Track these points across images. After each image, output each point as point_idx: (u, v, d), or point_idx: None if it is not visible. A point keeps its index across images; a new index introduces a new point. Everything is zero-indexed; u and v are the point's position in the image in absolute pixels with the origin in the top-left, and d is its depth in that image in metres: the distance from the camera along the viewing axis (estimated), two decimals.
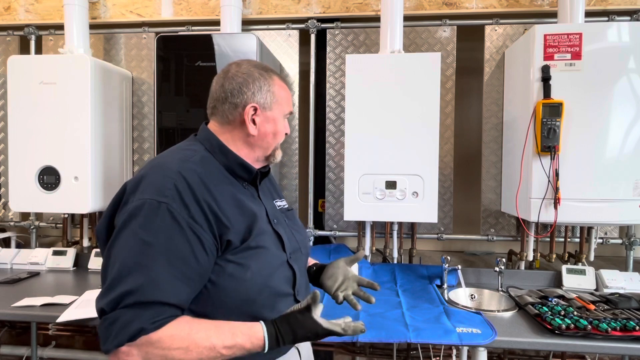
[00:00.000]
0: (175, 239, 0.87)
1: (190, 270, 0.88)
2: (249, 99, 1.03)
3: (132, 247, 0.86)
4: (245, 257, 0.95)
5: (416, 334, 1.51)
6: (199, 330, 0.86)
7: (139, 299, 0.82)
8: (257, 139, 1.05)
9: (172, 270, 0.86)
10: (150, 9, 2.45)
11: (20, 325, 2.66)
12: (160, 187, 0.89)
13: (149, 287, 0.83)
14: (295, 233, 1.14)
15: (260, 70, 1.06)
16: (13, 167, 2.13)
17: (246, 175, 1.05)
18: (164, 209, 0.87)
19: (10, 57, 2.15)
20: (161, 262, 0.85)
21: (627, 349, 1.46)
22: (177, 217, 0.87)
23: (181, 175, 0.92)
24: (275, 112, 1.06)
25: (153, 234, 0.86)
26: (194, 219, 0.89)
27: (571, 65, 1.83)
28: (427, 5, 2.28)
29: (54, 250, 2.33)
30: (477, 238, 2.33)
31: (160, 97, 2.04)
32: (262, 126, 1.05)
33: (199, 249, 0.89)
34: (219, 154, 1.03)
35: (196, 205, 0.90)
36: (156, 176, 0.92)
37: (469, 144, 2.46)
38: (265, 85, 1.05)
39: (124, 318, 0.81)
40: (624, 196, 1.82)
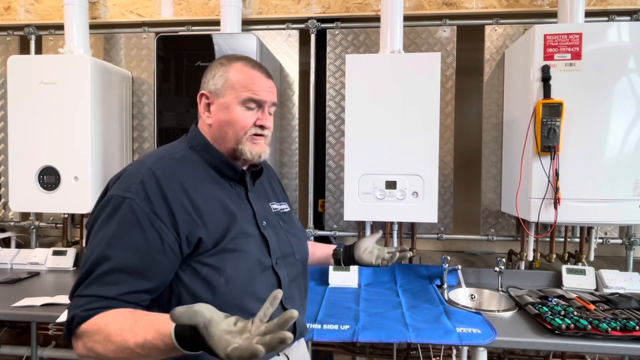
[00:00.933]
0: (130, 233, 0.86)
1: (142, 264, 0.86)
2: (203, 87, 1.03)
3: (92, 243, 0.88)
4: (220, 260, 0.91)
5: (416, 334, 1.51)
6: (116, 322, 0.80)
7: (81, 291, 0.84)
8: (214, 129, 1.01)
9: (120, 262, 0.85)
10: (150, 9, 2.45)
11: (20, 325, 2.66)
12: (128, 182, 0.90)
13: (91, 280, 0.85)
14: (290, 237, 1.10)
15: (225, 59, 1.03)
16: (13, 167, 2.13)
17: (232, 173, 1.02)
18: (127, 204, 0.87)
19: (10, 57, 2.14)
20: (117, 255, 0.85)
21: (627, 349, 1.46)
22: (136, 211, 0.87)
23: (151, 170, 0.91)
24: (228, 99, 0.99)
25: (110, 228, 0.87)
26: (156, 214, 0.87)
27: (571, 65, 1.83)
28: (427, 5, 2.28)
29: (54, 250, 2.33)
30: (477, 238, 2.33)
31: (160, 97, 2.04)
32: (215, 114, 1.00)
33: (156, 244, 0.87)
34: (204, 152, 1.01)
35: (161, 200, 0.88)
36: (130, 174, 0.93)
37: (469, 144, 2.46)
38: (219, 72, 1.01)
39: (71, 308, 0.84)
40: (624, 196, 1.82)
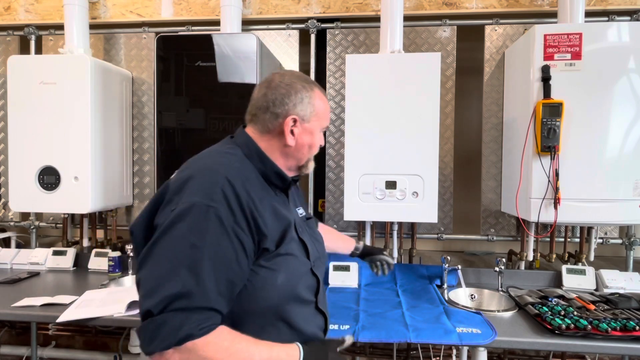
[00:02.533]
0: (222, 245, 0.87)
1: (234, 276, 0.89)
2: (290, 110, 1.03)
3: (180, 249, 0.85)
4: (277, 263, 0.96)
5: (416, 334, 1.51)
6: (240, 341, 0.87)
7: (188, 304, 0.82)
8: (294, 149, 1.06)
9: (218, 275, 0.86)
10: (150, 9, 2.45)
11: (20, 325, 2.67)
12: (208, 191, 0.89)
13: (197, 292, 0.83)
14: (314, 242, 1.14)
15: (302, 82, 1.07)
16: (13, 167, 2.13)
17: (280, 183, 1.06)
18: (213, 213, 0.87)
19: (10, 57, 2.15)
20: (209, 266, 0.85)
21: (627, 349, 1.46)
22: (224, 222, 0.87)
23: (227, 180, 0.92)
24: (314, 125, 1.07)
25: (201, 237, 0.85)
26: (239, 225, 0.89)
27: (571, 65, 1.83)
28: (427, 5, 2.28)
29: (54, 250, 2.33)
30: (477, 238, 2.33)
31: (160, 97, 2.04)
32: (300, 137, 1.05)
33: (242, 255, 0.90)
34: (256, 160, 1.04)
35: (240, 212, 0.90)
36: (204, 179, 0.92)
37: (469, 144, 2.46)
38: (306, 98, 1.05)
39: (172, 322, 0.81)
40: (624, 196, 1.82)
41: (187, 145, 2.02)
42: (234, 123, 1.98)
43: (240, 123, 1.14)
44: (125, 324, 1.67)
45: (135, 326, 1.76)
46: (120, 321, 1.64)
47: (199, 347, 0.82)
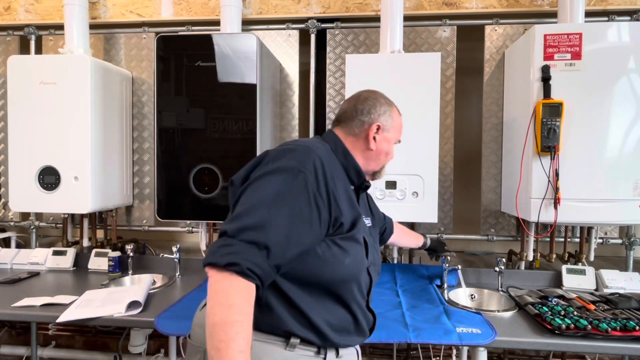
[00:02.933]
0: (302, 204, 0.98)
1: (302, 235, 0.98)
2: (376, 119, 1.22)
3: (267, 193, 0.97)
4: (348, 245, 1.07)
5: (416, 334, 1.51)
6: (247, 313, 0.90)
7: (254, 238, 0.91)
8: (374, 153, 1.23)
9: (289, 226, 0.96)
10: (150, 9, 2.45)
11: (20, 325, 2.67)
12: (303, 160, 1.03)
13: (265, 230, 0.93)
14: (373, 249, 1.23)
15: (385, 99, 1.27)
16: (13, 167, 2.13)
17: (357, 180, 1.20)
18: (302, 177, 1.00)
19: (10, 57, 2.15)
20: (284, 213, 0.96)
21: (627, 349, 1.46)
22: (308, 187, 1.00)
23: (319, 157, 1.06)
24: (391, 135, 1.25)
25: (287, 190, 0.98)
26: (320, 195, 1.02)
27: (571, 65, 1.83)
28: (427, 5, 2.28)
29: (54, 250, 2.33)
30: (477, 238, 2.33)
31: (160, 97, 2.04)
32: (380, 144, 1.23)
33: (316, 221, 1.00)
34: (341, 155, 1.19)
35: (324, 185, 1.03)
36: (302, 152, 1.06)
37: (469, 144, 2.46)
38: (388, 111, 1.25)
39: (234, 247, 0.90)
40: (624, 196, 1.82)
41: (187, 145, 2.02)
42: (234, 123, 1.98)
43: (240, 123, 1.21)
44: (125, 324, 1.67)
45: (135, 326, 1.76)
46: (120, 321, 1.64)
47: (230, 281, 0.88)
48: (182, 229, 2.49)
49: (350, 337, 1.12)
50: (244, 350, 0.86)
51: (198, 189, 2.01)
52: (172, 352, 2.09)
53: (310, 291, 1.04)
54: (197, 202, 2.01)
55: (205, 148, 2.01)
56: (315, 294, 1.05)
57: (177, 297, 1.85)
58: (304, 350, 1.05)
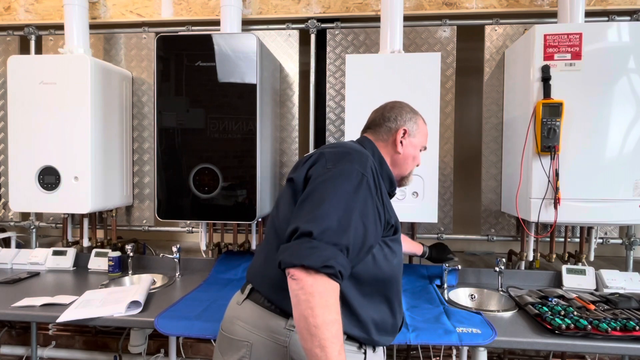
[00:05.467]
0: (368, 204, 1.04)
1: (370, 232, 1.03)
2: (402, 124, 1.29)
3: (340, 194, 1.01)
4: (396, 247, 1.17)
5: (416, 334, 1.51)
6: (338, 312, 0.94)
7: (339, 241, 0.96)
8: (401, 157, 1.29)
9: (363, 228, 1.01)
10: (150, 9, 2.45)
11: (20, 325, 2.67)
12: (363, 164, 1.09)
13: (348, 233, 0.97)
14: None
15: (411, 108, 1.35)
16: (13, 167, 2.13)
17: (390, 188, 1.25)
18: (365, 180, 1.06)
19: (10, 57, 2.14)
20: (357, 215, 1.00)
21: (627, 349, 1.46)
22: (371, 189, 1.06)
23: (372, 161, 1.13)
24: (417, 140, 1.31)
25: (356, 192, 1.04)
26: (378, 197, 1.08)
27: (571, 65, 1.83)
28: (427, 5, 2.28)
29: (54, 250, 2.33)
30: (477, 238, 2.33)
31: (160, 97, 2.04)
32: (407, 148, 1.29)
33: (378, 220, 1.07)
34: (379, 163, 1.22)
35: (379, 188, 1.10)
36: (359, 156, 1.11)
37: (469, 144, 2.46)
38: (413, 118, 1.32)
39: (324, 251, 0.93)
40: (624, 196, 1.82)
41: (187, 145, 2.02)
42: (234, 123, 1.98)
43: (240, 123, 1.23)
44: (125, 324, 1.67)
45: (135, 326, 1.76)
46: (120, 321, 1.64)
47: (325, 282, 0.92)
48: (182, 229, 2.49)
49: (386, 336, 1.18)
50: (343, 345, 0.92)
51: (198, 189, 2.01)
52: (172, 352, 2.09)
53: (362, 289, 1.10)
54: (197, 202, 2.01)
55: (205, 148, 2.01)
56: (367, 292, 1.11)
57: (177, 297, 1.85)
58: (348, 345, 1.10)
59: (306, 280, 0.91)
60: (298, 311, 0.91)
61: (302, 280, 0.91)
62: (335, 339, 0.90)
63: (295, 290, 0.92)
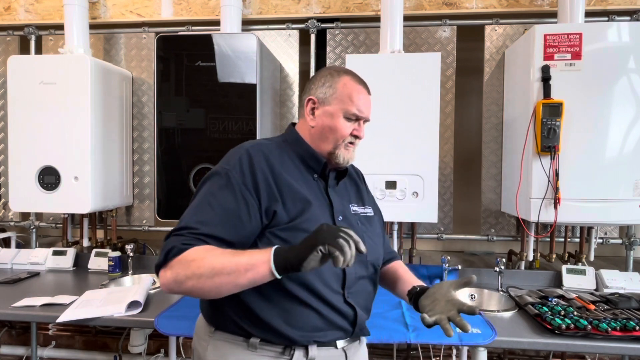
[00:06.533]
0: (227, 196, 1.01)
1: (231, 220, 1.00)
2: (311, 92, 1.14)
3: (197, 199, 1.04)
4: (293, 236, 1.01)
5: (416, 334, 1.51)
6: (213, 249, 0.96)
7: (181, 227, 0.98)
8: (316, 131, 1.13)
9: (216, 213, 1.00)
10: (150, 9, 2.45)
11: (20, 325, 2.66)
12: (229, 159, 1.07)
13: (196, 223, 0.98)
14: (367, 238, 1.12)
15: (333, 70, 1.16)
16: (13, 167, 2.13)
17: (315, 165, 1.13)
18: (225, 174, 1.03)
19: (10, 57, 2.15)
20: (210, 207, 1.00)
21: (627, 349, 1.46)
22: (232, 181, 1.02)
23: (247, 150, 1.07)
24: (334, 107, 1.11)
25: (214, 189, 1.03)
26: (246, 186, 1.02)
27: (571, 65, 1.83)
28: (427, 5, 2.28)
29: (54, 250, 2.33)
30: (477, 238, 2.33)
31: (160, 97, 2.04)
32: (320, 118, 1.12)
33: (244, 209, 1.01)
34: (295, 144, 1.15)
35: (250, 175, 1.03)
36: (231, 153, 1.10)
37: (469, 144, 2.45)
38: (328, 82, 1.13)
39: (167, 242, 0.97)
40: (624, 196, 1.82)
41: (187, 145, 2.02)
42: (234, 123, 1.98)
43: (240, 123, 1.24)
44: (125, 324, 1.67)
45: (135, 326, 1.76)
46: (120, 321, 1.64)
47: (181, 259, 0.94)
48: None
49: (322, 333, 1.04)
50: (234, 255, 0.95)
51: None
52: (172, 352, 2.09)
53: (259, 290, 0.98)
54: None
55: (205, 148, 2.01)
56: (265, 293, 1.00)
57: (177, 297, 1.85)
58: (268, 350, 1.03)
59: (163, 277, 0.96)
60: (197, 291, 0.96)
61: (162, 279, 0.97)
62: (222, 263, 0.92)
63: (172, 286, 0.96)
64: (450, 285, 1.10)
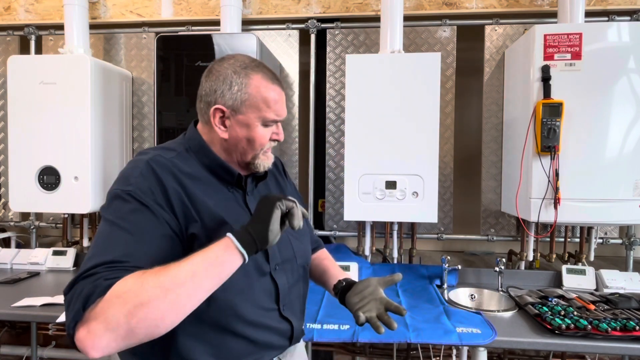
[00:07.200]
0: (140, 217, 0.85)
1: (151, 240, 0.84)
2: (218, 99, 0.95)
3: (100, 232, 0.85)
4: None
5: (416, 334, 1.51)
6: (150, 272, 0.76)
7: (92, 266, 0.77)
8: (230, 144, 0.97)
9: (131, 237, 0.82)
10: (150, 9, 2.45)
11: (20, 325, 2.66)
12: (128, 177, 0.90)
13: (108, 256, 0.79)
14: (293, 240, 1.06)
15: (239, 67, 0.96)
16: (13, 167, 2.13)
17: (229, 177, 0.99)
18: (129, 195, 0.86)
19: (10, 57, 2.14)
20: (123, 234, 0.82)
21: (627, 349, 1.46)
22: (140, 200, 0.86)
23: (148, 164, 0.90)
24: (250, 117, 0.94)
25: (120, 217, 0.85)
26: (158, 203, 0.86)
27: (571, 65, 1.83)
28: (427, 5, 2.28)
29: (54, 250, 2.33)
30: (477, 238, 2.33)
31: (160, 97, 2.04)
32: (233, 130, 0.95)
33: (164, 227, 0.86)
34: (200, 154, 0.98)
35: (160, 191, 0.87)
36: (127, 170, 0.93)
37: (469, 144, 2.45)
38: (236, 84, 0.94)
39: (74, 291, 0.75)
40: (624, 196, 1.82)
41: None
42: None
43: None
44: None
45: None
46: None
47: (110, 298, 0.73)
48: None
49: (256, 356, 0.96)
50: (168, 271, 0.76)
51: None
52: None
53: (184, 330, 0.85)
54: None
55: None
56: (191, 332, 0.88)
57: None
58: None
59: (86, 336, 0.72)
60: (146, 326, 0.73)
61: (85, 340, 0.72)
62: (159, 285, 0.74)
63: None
64: (378, 283, 1.07)
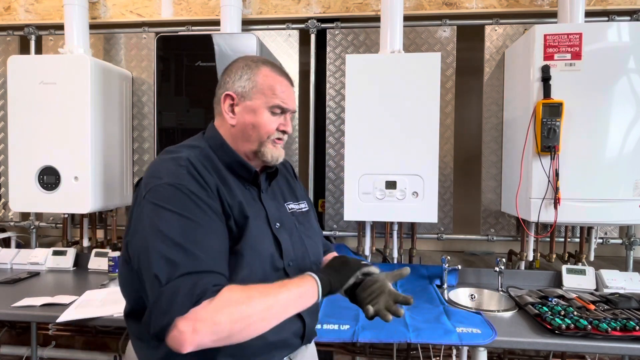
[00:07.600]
0: (208, 213, 0.89)
1: (224, 244, 0.91)
2: (228, 87, 1.02)
3: (169, 222, 0.86)
4: (238, 258, 0.94)
5: (416, 334, 1.51)
6: (253, 288, 0.87)
7: (195, 268, 0.83)
8: (237, 130, 1.02)
9: (215, 244, 0.88)
10: (150, 9, 2.45)
11: (20, 325, 2.66)
12: (168, 172, 0.91)
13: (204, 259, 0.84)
14: (305, 239, 1.10)
15: (251, 61, 1.03)
16: (13, 167, 2.13)
17: (246, 174, 1.03)
18: (188, 190, 0.89)
19: (10, 57, 2.15)
20: (205, 236, 0.87)
21: (627, 349, 1.46)
22: (200, 195, 0.90)
23: (189, 160, 0.93)
24: (257, 102, 1.01)
25: (189, 210, 0.87)
26: (211, 198, 0.92)
27: (571, 65, 1.83)
28: (427, 5, 2.28)
29: (54, 250, 2.33)
30: (477, 238, 2.33)
31: (160, 97, 2.04)
32: (241, 116, 1.01)
33: (223, 223, 0.93)
34: (220, 151, 1.02)
35: (209, 187, 0.92)
36: (163, 165, 0.94)
37: (469, 144, 2.45)
38: (246, 74, 1.01)
39: (185, 284, 0.80)
40: (624, 196, 1.82)
41: None
42: None
43: None
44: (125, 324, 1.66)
45: None
46: (120, 321, 1.63)
47: (218, 301, 0.81)
48: None
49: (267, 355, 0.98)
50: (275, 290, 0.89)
51: None
52: None
53: None
54: None
55: None
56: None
57: None
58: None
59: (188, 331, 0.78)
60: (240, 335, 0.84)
61: (187, 333, 0.78)
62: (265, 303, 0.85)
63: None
64: (386, 277, 1.10)
